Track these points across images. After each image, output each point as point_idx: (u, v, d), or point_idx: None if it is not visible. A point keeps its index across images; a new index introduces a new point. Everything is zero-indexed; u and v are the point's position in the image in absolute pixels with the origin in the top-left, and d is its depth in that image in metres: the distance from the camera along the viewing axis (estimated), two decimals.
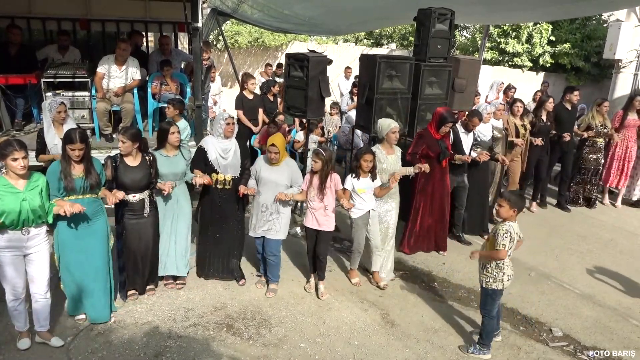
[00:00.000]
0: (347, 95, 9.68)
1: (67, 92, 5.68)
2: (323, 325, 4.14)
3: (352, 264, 4.85)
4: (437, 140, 5.11)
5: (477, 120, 5.40)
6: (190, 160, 4.41)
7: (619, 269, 5.49)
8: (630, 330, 4.35)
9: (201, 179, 4.28)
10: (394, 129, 4.69)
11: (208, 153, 4.38)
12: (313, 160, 4.31)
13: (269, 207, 4.38)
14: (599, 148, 7.15)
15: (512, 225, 3.55)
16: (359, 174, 4.46)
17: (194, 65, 5.58)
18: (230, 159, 4.42)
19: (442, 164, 5.21)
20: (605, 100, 7.22)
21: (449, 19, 5.71)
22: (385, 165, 4.70)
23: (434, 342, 4.01)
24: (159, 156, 4.24)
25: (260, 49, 16.64)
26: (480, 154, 5.55)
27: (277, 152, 4.26)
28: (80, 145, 3.58)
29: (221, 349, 3.77)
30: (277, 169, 4.36)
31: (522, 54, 13.85)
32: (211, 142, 4.41)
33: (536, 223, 6.69)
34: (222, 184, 4.43)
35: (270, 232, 4.42)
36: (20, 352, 3.60)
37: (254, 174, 4.48)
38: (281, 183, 4.35)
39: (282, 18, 8.81)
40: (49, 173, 3.64)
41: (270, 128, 6.75)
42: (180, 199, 4.40)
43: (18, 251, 3.40)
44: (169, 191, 4.13)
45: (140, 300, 4.32)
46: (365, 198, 4.53)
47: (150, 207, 4.14)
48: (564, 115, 6.91)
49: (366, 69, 5.62)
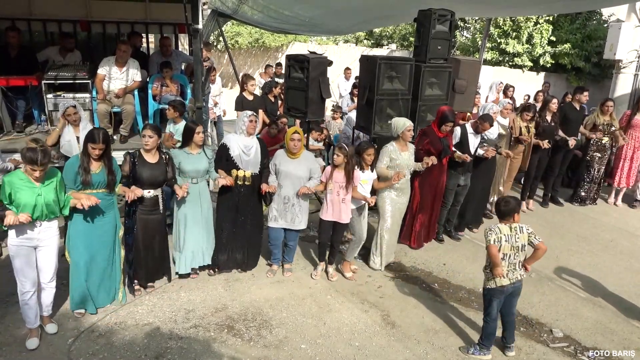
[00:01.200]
0: (347, 96, 9.68)
1: (68, 94, 5.68)
2: (324, 327, 4.15)
3: (349, 255, 5.00)
4: (439, 138, 5.22)
5: (488, 125, 5.45)
6: (212, 159, 4.57)
7: (620, 270, 5.49)
8: (631, 331, 4.35)
9: (224, 179, 4.46)
10: (409, 127, 4.89)
11: (231, 149, 4.55)
12: (336, 154, 4.53)
13: (290, 198, 4.63)
14: (605, 147, 7.19)
15: (498, 226, 3.65)
16: (363, 167, 4.70)
17: (195, 67, 5.59)
18: (253, 155, 4.59)
19: (442, 162, 5.31)
20: (608, 99, 7.25)
21: (449, 20, 5.72)
22: (399, 161, 4.92)
23: (434, 344, 4.01)
24: (184, 154, 4.45)
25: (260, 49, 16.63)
26: (487, 151, 5.66)
27: (299, 139, 4.53)
28: (101, 145, 3.78)
29: (222, 350, 3.78)
30: (297, 161, 4.60)
31: (523, 54, 13.85)
32: (234, 139, 4.58)
33: (536, 224, 6.69)
34: (242, 180, 4.58)
35: (293, 223, 4.70)
36: (22, 353, 3.61)
37: (273, 169, 4.69)
38: (302, 175, 4.60)
39: (282, 19, 8.81)
40: (67, 166, 3.89)
41: (271, 129, 6.76)
42: (203, 194, 4.57)
43: (30, 242, 3.56)
44: (182, 194, 4.23)
45: (141, 301, 4.33)
46: (366, 189, 4.77)
47: (162, 204, 4.28)
48: (572, 115, 6.95)
49: (366, 70, 5.62)
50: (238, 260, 4.88)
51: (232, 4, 8.10)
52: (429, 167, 5.08)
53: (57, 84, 5.70)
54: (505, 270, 3.65)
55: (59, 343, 3.74)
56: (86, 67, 6.02)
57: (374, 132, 5.58)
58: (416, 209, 5.47)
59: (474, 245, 5.93)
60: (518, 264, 3.69)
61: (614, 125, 7.11)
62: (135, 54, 6.48)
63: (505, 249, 3.62)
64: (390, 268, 5.25)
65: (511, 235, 3.62)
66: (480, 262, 5.46)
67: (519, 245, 3.65)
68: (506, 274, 3.66)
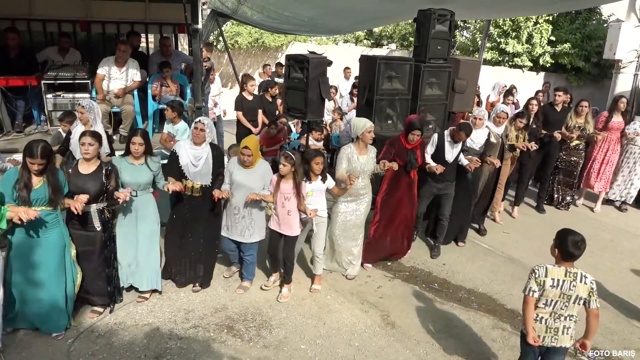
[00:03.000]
0: (347, 96, 9.68)
1: (68, 94, 5.69)
2: (323, 327, 4.15)
3: (314, 270, 4.70)
4: (406, 150, 4.86)
5: (463, 135, 5.05)
6: (156, 172, 4.19)
7: (620, 270, 5.49)
8: (631, 331, 4.35)
9: (173, 185, 4.12)
10: (369, 128, 4.59)
11: (180, 158, 4.28)
12: (282, 164, 4.23)
13: (240, 209, 4.33)
14: (577, 150, 6.92)
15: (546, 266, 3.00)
16: (310, 177, 4.35)
17: (194, 67, 5.58)
18: (201, 167, 4.29)
19: (410, 175, 4.96)
20: (583, 100, 6.88)
21: (449, 20, 5.72)
22: (356, 165, 4.62)
23: (434, 344, 4.01)
24: (125, 163, 4.06)
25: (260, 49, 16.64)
26: (470, 161, 5.26)
27: (250, 154, 4.20)
28: (40, 160, 3.45)
29: (222, 351, 3.77)
30: (251, 171, 4.30)
31: (522, 54, 13.85)
32: (184, 147, 4.31)
33: (537, 224, 6.70)
34: (190, 191, 4.32)
35: (244, 236, 4.39)
36: (21, 354, 3.60)
37: (227, 177, 4.39)
38: (254, 186, 4.28)
39: (281, 19, 8.81)
40: (4, 179, 3.56)
41: (271, 129, 6.75)
42: (142, 210, 4.16)
43: None
44: (124, 199, 3.83)
45: (141, 302, 4.33)
46: (310, 202, 4.37)
47: (99, 222, 3.89)
48: (550, 115, 6.71)
49: (366, 70, 5.62)
50: (191, 276, 4.56)
51: (232, 4, 8.11)
52: (396, 180, 4.76)
53: (57, 84, 5.70)
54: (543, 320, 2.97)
55: (59, 343, 3.74)
56: (86, 67, 6.02)
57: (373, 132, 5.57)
58: (377, 224, 5.05)
59: (473, 245, 5.93)
60: (566, 318, 2.96)
61: (587, 128, 6.71)
62: (134, 54, 6.48)
63: (550, 295, 2.92)
64: (390, 268, 5.25)
65: (565, 281, 2.91)
66: (480, 262, 5.49)
67: (572, 295, 2.91)
68: (545, 330, 2.97)
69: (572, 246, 2.93)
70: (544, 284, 2.92)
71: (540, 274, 2.94)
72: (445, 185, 5.29)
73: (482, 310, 4.53)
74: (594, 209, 7.36)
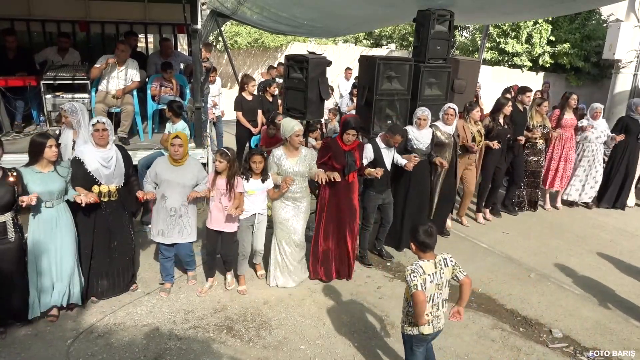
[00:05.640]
0: (347, 97, 9.69)
1: (67, 94, 5.68)
2: (323, 327, 4.15)
3: (239, 269, 4.63)
4: (344, 152, 4.60)
5: (399, 137, 4.82)
6: (67, 177, 3.93)
7: (619, 270, 5.48)
8: (630, 332, 4.35)
9: (86, 197, 3.84)
10: (297, 132, 4.43)
11: (86, 164, 3.98)
12: (218, 161, 4.19)
13: (177, 210, 4.25)
14: (539, 150, 6.79)
15: (419, 264, 2.99)
16: (250, 175, 4.36)
17: (194, 67, 5.59)
18: (114, 167, 4.10)
19: (348, 179, 4.65)
20: (544, 100, 6.81)
21: (448, 20, 5.72)
22: (285, 168, 4.50)
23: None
24: (31, 173, 3.74)
25: (260, 49, 16.62)
26: (409, 160, 5.03)
27: (180, 144, 4.14)
28: None
29: (221, 351, 3.77)
30: (181, 169, 4.24)
31: (522, 54, 13.87)
32: (88, 151, 4.03)
33: (536, 223, 6.70)
34: (106, 196, 4.07)
35: (182, 235, 4.33)
36: (21, 354, 3.60)
37: (153, 178, 4.27)
38: (187, 183, 4.24)
39: (280, 20, 8.82)
40: None
41: (270, 129, 6.75)
42: (61, 221, 3.90)
43: None
44: (28, 202, 3.57)
45: (140, 302, 4.33)
46: (253, 200, 4.39)
47: (14, 231, 3.67)
48: (516, 117, 6.44)
49: (365, 70, 5.62)
50: (118, 285, 4.36)
51: (231, 5, 8.12)
52: (333, 183, 4.50)
53: (56, 84, 5.70)
54: (429, 313, 3.04)
55: (58, 344, 3.73)
56: (85, 67, 6.02)
57: (373, 132, 5.57)
58: (316, 235, 4.79)
59: (472, 244, 5.93)
60: (441, 303, 3.09)
61: (546, 125, 6.68)
62: (132, 54, 6.48)
63: (430, 290, 3.00)
64: (390, 269, 5.25)
65: (436, 273, 3.01)
66: (479, 261, 5.49)
67: (443, 281, 3.05)
68: (430, 321, 3.07)
69: (424, 235, 2.98)
70: (425, 281, 2.96)
71: (420, 271, 2.96)
72: (387, 194, 5.13)
73: (482, 310, 4.53)
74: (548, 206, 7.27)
